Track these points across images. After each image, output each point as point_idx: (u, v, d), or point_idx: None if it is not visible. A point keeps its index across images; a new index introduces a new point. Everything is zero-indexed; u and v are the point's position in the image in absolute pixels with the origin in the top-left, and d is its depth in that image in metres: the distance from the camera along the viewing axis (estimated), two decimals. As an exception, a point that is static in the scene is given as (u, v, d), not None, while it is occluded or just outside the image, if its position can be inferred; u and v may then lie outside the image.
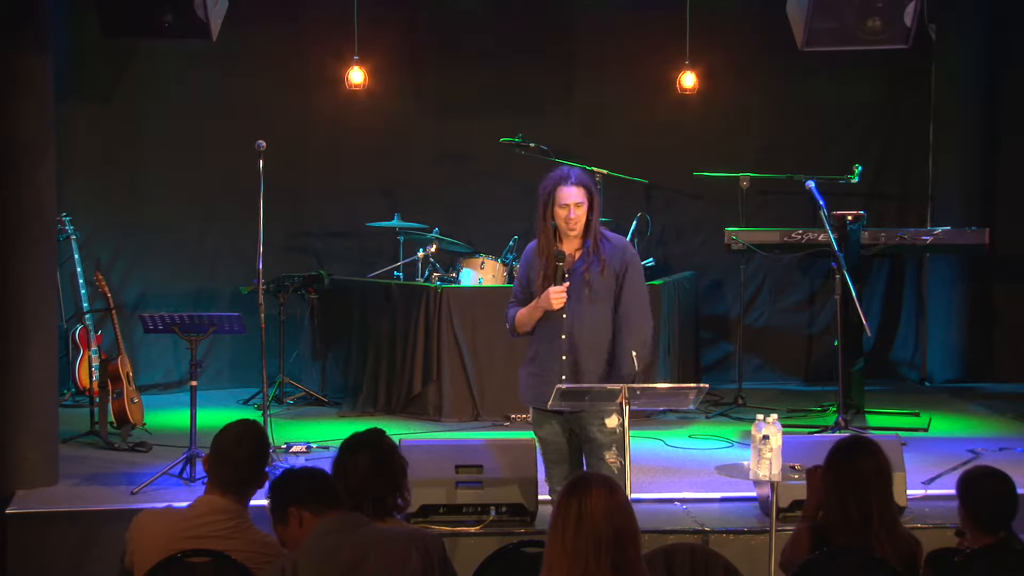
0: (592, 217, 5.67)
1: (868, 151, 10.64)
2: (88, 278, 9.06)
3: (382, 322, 9.26)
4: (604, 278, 5.62)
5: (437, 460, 6.35)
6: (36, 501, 6.72)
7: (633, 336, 5.61)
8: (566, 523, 3.37)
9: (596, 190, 5.75)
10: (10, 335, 7.02)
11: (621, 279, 5.64)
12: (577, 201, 5.61)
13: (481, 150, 10.37)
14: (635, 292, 5.67)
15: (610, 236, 5.74)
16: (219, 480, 4.26)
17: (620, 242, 5.76)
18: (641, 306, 5.69)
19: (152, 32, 8.33)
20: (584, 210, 5.63)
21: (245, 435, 4.34)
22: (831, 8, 8.43)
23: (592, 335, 5.63)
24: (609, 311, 5.64)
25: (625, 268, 5.65)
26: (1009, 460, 7.56)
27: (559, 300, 5.60)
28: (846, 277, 8.17)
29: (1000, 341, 10.88)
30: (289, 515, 4.00)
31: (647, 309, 5.74)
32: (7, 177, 7.02)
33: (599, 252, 5.64)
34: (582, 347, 5.63)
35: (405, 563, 3.88)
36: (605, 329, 5.64)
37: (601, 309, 5.63)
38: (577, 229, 5.65)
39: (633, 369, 5.52)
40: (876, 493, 4.30)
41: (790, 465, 5.47)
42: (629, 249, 5.76)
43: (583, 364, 5.62)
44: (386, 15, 10.32)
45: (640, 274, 5.73)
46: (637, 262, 5.75)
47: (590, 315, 5.62)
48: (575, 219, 5.62)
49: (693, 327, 10.17)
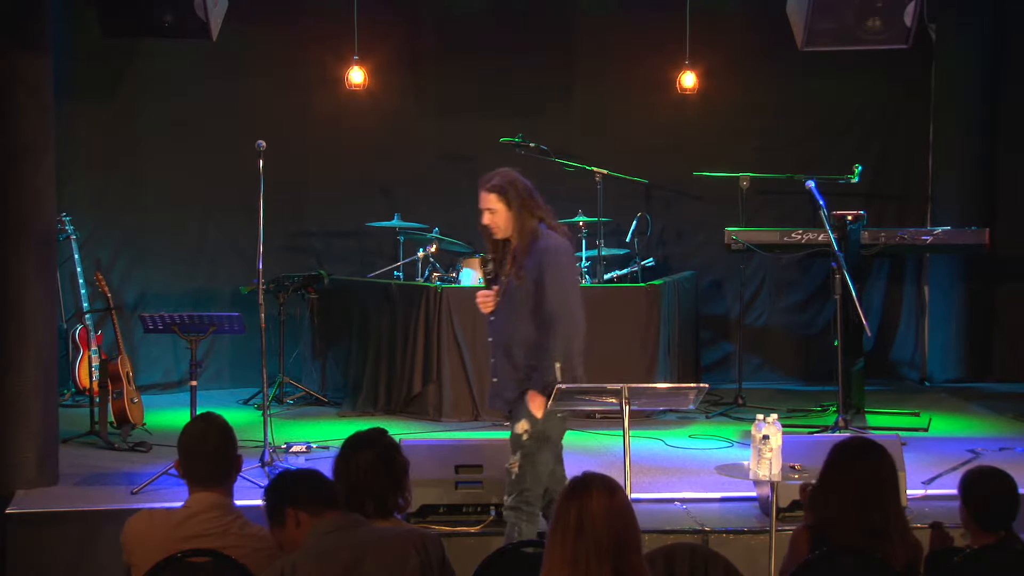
0: (518, 221, 5.56)
1: (868, 151, 10.65)
2: (88, 278, 9.07)
3: (382, 322, 9.26)
4: (522, 283, 5.52)
5: (437, 460, 6.36)
6: (36, 501, 6.72)
7: (556, 340, 5.45)
8: (566, 528, 3.33)
9: (516, 193, 5.58)
10: (10, 335, 7.02)
11: (540, 283, 5.48)
12: (488, 207, 5.57)
13: (481, 150, 10.34)
14: (551, 299, 5.46)
15: (540, 238, 5.55)
16: (198, 478, 4.25)
17: (543, 244, 5.55)
18: (559, 312, 5.46)
19: (152, 32, 8.34)
20: (500, 216, 5.56)
21: (208, 429, 4.33)
22: (831, 8, 8.44)
23: (508, 339, 5.58)
24: (527, 317, 5.51)
25: (542, 271, 5.48)
26: (1009, 460, 7.55)
27: (484, 305, 5.65)
28: (846, 277, 8.17)
29: (1000, 341, 10.88)
30: (286, 516, 4.00)
31: (567, 315, 5.49)
32: (7, 177, 7.02)
33: (519, 257, 5.54)
34: (499, 351, 5.63)
35: (403, 563, 3.88)
36: (521, 335, 5.52)
37: (518, 315, 5.54)
38: (499, 234, 5.60)
39: (553, 379, 5.41)
40: (892, 495, 4.27)
41: (790, 465, 5.47)
42: (549, 251, 5.53)
43: (500, 368, 5.63)
44: (386, 15, 10.33)
45: (561, 273, 5.53)
46: (557, 263, 5.52)
47: (507, 320, 5.59)
48: (491, 225, 5.58)
49: (693, 327, 10.17)
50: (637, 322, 9.09)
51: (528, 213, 5.60)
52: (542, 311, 5.48)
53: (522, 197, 5.60)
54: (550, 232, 5.62)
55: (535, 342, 5.50)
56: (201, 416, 4.42)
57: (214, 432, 4.31)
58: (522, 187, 5.63)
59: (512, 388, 5.57)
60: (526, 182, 5.68)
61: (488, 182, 5.62)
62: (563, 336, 5.48)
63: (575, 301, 5.57)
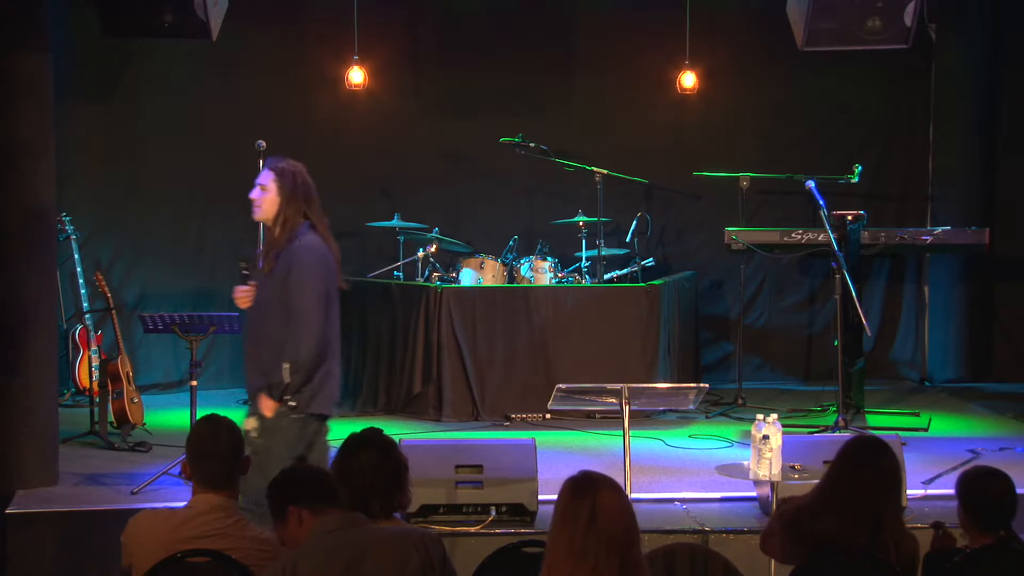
0: (283, 214, 5.54)
1: (868, 151, 10.64)
2: (88, 278, 9.06)
3: (382, 322, 9.26)
4: (272, 280, 5.51)
5: (437, 460, 6.35)
6: (36, 501, 6.71)
7: (291, 344, 5.43)
8: (576, 522, 3.36)
9: (293, 185, 5.58)
10: (10, 335, 7.02)
11: (286, 281, 5.47)
12: (261, 183, 5.59)
13: (481, 150, 10.37)
14: (294, 301, 5.44)
15: (299, 237, 5.52)
16: (207, 479, 4.25)
17: (299, 243, 5.52)
18: (298, 316, 5.44)
19: (152, 32, 8.33)
20: (267, 198, 5.55)
21: (219, 429, 4.34)
22: (831, 8, 8.44)
23: (257, 336, 5.59)
24: (273, 312, 5.49)
25: (290, 269, 5.47)
26: (1009, 460, 7.56)
27: (241, 300, 5.66)
28: (846, 277, 8.17)
29: (1000, 341, 10.88)
30: (288, 514, 4.00)
31: (306, 320, 5.46)
32: (7, 177, 7.02)
33: (274, 249, 5.54)
34: (249, 346, 5.66)
35: (405, 562, 3.88)
36: (267, 329, 5.51)
37: (266, 311, 5.53)
38: (258, 215, 5.61)
39: (281, 380, 5.40)
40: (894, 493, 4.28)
41: (790, 465, 5.48)
42: (302, 250, 5.50)
43: (249, 363, 5.64)
44: (386, 15, 10.32)
45: (306, 274, 5.48)
46: (306, 264, 5.49)
47: (256, 316, 5.61)
48: (255, 202, 5.59)
49: (693, 327, 10.17)
50: (637, 322, 9.09)
51: (295, 209, 5.56)
52: (286, 309, 5.47)
53: (297, 191, 5.59)
54: (314, 235, 5.57)
55: (277, 339, 5.48)
56: (209, 417, 4.42)
57: (225, 433, 4.32)
58: (302, 183, 5.63)
59: (257, 381, 5.55)
60: (310, 183, 5.66)
61: (271, 162, 5.66)
62: (297, 338, 5.44)
63: (315, 305, 5.50)
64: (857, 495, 4.22)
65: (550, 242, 9.84)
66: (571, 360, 8.95)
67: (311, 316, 5.48)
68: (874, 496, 4.21)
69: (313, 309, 5.49)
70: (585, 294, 9.26)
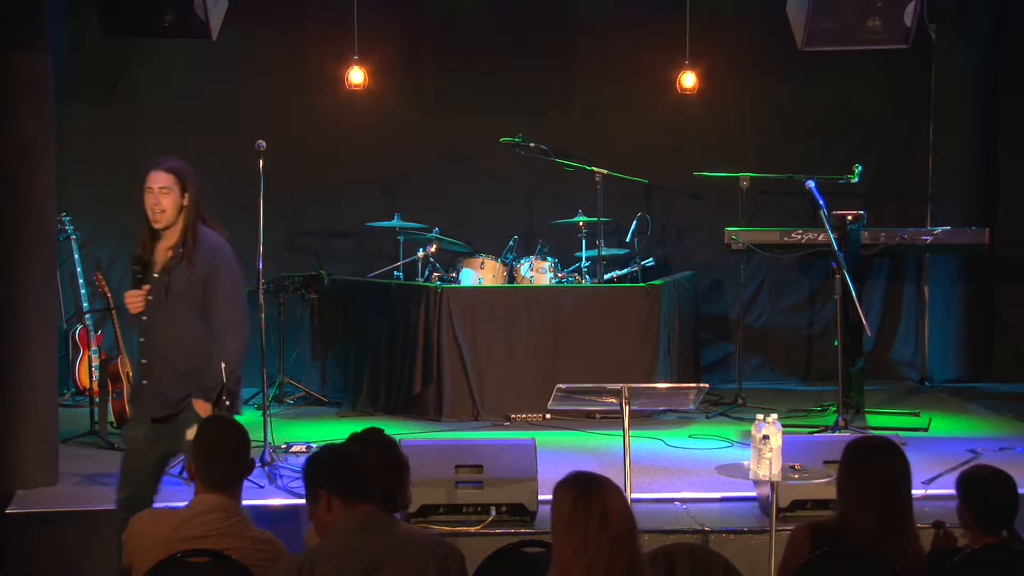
0: (188, 214, 5.43)
1: (868, 151, 10.64)
2: (88, 278, 9.07)
3: (382, 322, 9.26)
4: (190, 282, 5.38)
5: (437, 460, 6.35)
6: (36, 501, 6.72)
7: (222, 347, 5.35)
8: (588, 520, 3.40)
9: (193, 185, 5.46)
10: (10, 335, 7.02)
11: (208, 282, 5.37)
12: (162, 186, 5.40)
13: (481, 150, 10.37)
14: (221, 300, 5.38)
15: (207, 238, 5.45)
16: (212, 479, 4.25)
17: (214, 245, 5.45)
18: (228, 315, 5.39)
19: (152, 32, 8.33)
20: (171, 200, 5.39)
21: (228, 430, 4.34)
22: (831, 8, 8.44)
23: (167, 340, 5.43)
24: (194, 316, 5.39)
25: (210, 270, 5.38)
26: (1009, 460, 7.55)
27: (134, 305, 5.49)
28: (846, 277, 8.17)
29: (1000, 341, 10.88)
30: (319, 497, 3.96)
31: (237, 318, 5.43)
32: (7, 177, 7.02)
33: (189, 254, 5.39)
34: (156, 352, 5.46)
35: (421, 573, 3.85)
36: (186, 336, 5.40)
37: (183, 314, 5.40)
38: (162, 221, 5.42)
39: (219, 381, 5.33)
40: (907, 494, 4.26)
41: (790, 465, 5.47)
42: (219, 253, 5.43)
43: (157, 370, 5.46)
44: (386, 15, 10.32)
45: (229, 279, 5.43)
46: (226, 267, 5.43)
47: (168, 321, 5.42)
48: (158, 206, 5.40)
49: (693, 327, 10.16)
50: (637, 322, 9.09)
51: (195, 209, 5.48)
52: (208, 311, 5.38)
53: (196, 191, 5.49)
54: (213, 232, 5.51)
55: (200, 342, 5.38)
56: (216, 418, 4.43)
57: (234, 433, 4.32)
58: (198, 182, 5.52)
59: (176, 390, 5.42)
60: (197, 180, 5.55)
61: (165, 163, 5.47)
62: (231, 337, 5.39)
63: (244, 304, 5.50)
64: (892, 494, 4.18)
65: (550, 242, 9.84)
66: (571, 360, 8.95)
67: (242, 315, 5.45)
68: (879, 497, 4.19)
69: (243, 308, 5.47)
70: (585, 294, 9.25)
